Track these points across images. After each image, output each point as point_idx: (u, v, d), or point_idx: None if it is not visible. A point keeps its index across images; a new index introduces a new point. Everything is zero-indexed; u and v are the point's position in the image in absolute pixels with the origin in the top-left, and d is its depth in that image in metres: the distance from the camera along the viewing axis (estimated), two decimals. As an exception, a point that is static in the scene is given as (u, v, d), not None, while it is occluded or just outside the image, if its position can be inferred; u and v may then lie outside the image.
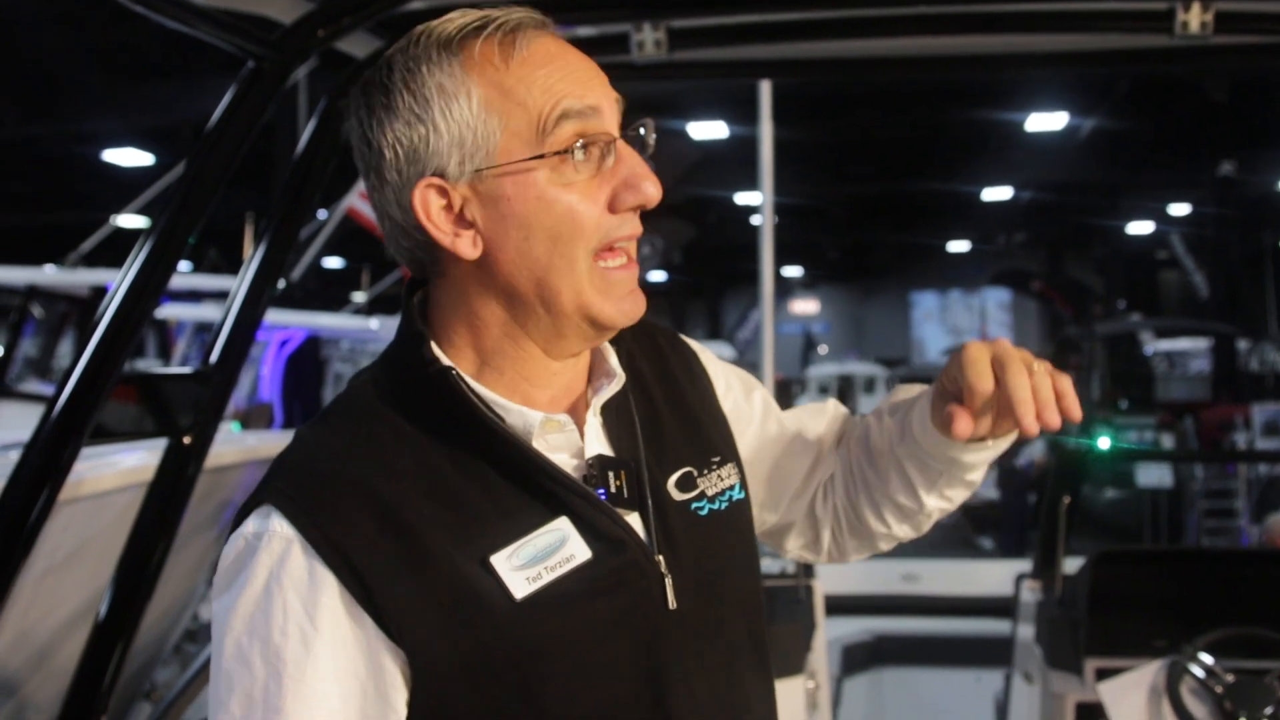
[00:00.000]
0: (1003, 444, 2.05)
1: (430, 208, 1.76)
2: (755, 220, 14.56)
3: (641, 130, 1.82)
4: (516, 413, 1.76)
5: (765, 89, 8.89)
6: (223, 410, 3.44)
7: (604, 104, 1.75)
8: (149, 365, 18.60)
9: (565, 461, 1.81)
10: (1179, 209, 35.84)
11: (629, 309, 1.80)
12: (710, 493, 1.97)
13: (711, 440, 2.06)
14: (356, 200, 16.82)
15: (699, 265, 41.66)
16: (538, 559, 1.70)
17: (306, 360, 20.47)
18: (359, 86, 1.80)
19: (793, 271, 47.18)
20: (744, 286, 43.95)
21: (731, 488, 2.02)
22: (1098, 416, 25.04)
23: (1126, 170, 31.75)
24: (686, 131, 23.08)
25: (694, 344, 2.25)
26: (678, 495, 1.92)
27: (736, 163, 22.07)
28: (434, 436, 1.73)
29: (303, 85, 14.17)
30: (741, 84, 11.97)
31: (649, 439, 1.93)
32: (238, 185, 3.37)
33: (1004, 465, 21.31)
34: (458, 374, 1.75)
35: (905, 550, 2.44)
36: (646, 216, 1.81)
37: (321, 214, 18.08)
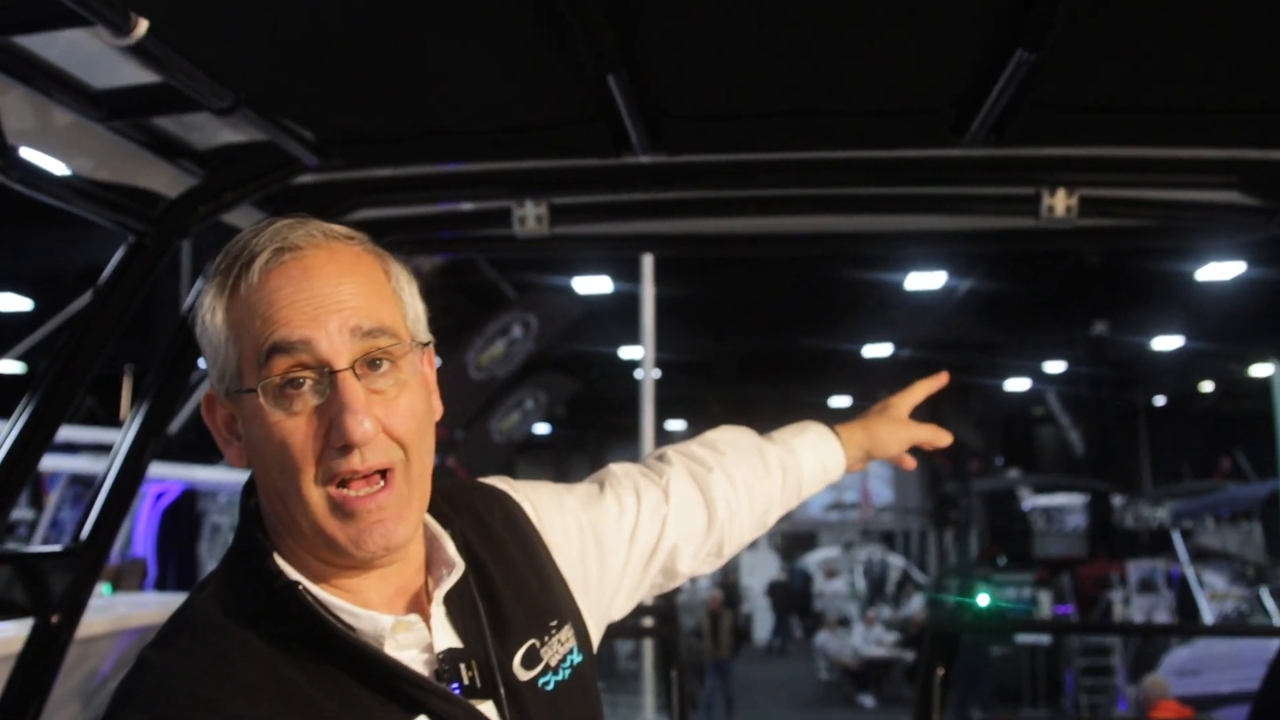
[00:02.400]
0: None
1: (215, 414, 1.83)
2: (638, 374, 14.67)
3: (379, 362, 1.79)
4: (366, 618, 1.75)
5: (647, 259, 9.00)
6: (93, 588, 3.37)
7: (323, 334, 1.73)
8: (20, 515, 18.11)
9: (416, 658, 1.81)
10: (1054, 367, 36.48)
11: (371, 543, 1.76)
12: (553, 662, 1.99)
13: (547, 606, 2.07)
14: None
15: (582, 418, 41.60)
16: None
17: (182, 514, 20.04)
18: None
19: (676, 425, 47.22)
20: (627, 439, 43.88)
21: (570, 651, 2.03)
22: (976, 573, 25.24)
23: (1003, 329, 32.30)
24: (571, 287, 23.20)
25: (530, 491, 2.26)
26: (524, 674, 1.93)
27: (620, 317, 22.22)
28: (284, 649, 1.71)
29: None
30: (625, 247, 12.10)
31: (492, 621, 1.93)
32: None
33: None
34: (304, 588, 1.74)
35: (789, 706, 2.59)
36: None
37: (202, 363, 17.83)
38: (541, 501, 2.24)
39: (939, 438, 2.94)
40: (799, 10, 2.26)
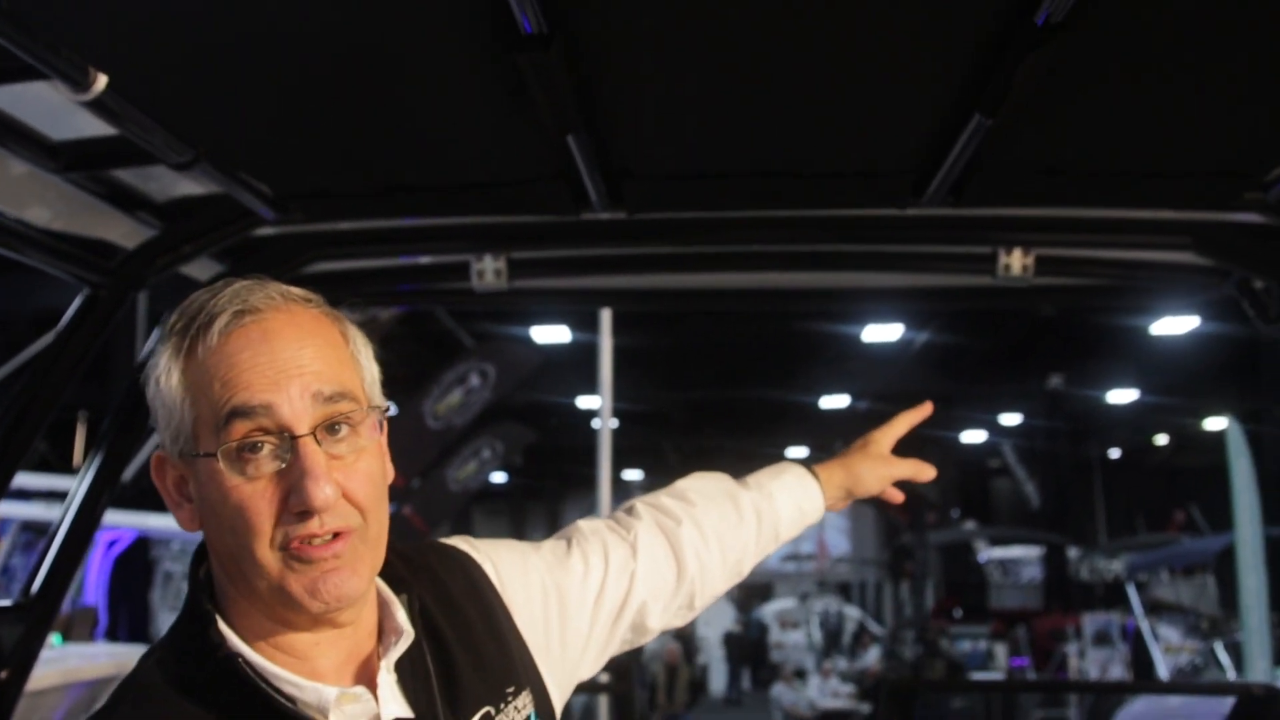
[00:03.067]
0: None
1: (166, 478, 1.82)
2: (596, 424, 14.70)
3: (338, 426, 1.78)
4: (310, 690, 1.73)
5: (606, 310, 8.99)
6: (43, 643, 3.32)
7: (284, 399, 1.72)
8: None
9: None
10: (1011, 419, 36.66)
11: (325, 591, 1.74)
12: None
13: (504, 671, 2.05)
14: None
15: (540, 467, 41.53)
16: None
17: (135, 562, 19.85)
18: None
19: (633, 474, 47.19)
20: (584, 489, 43.84)
21: (528, 717, 2.03)
22: (932, 625, 25.27)
23: (960, 381, 32.46)
24: (530, 336, 23.19)
25: (492, 551, 2.25)
26: None
27: (578, 366, 22.20)
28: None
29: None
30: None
31: (445, 689, 1.92)
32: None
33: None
34: (244, 660, 1.72)
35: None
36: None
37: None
38: (503, 562, 2.22)
39: (922, 471, 2.92)
40: (759, 74, 2.27)
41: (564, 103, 2.26)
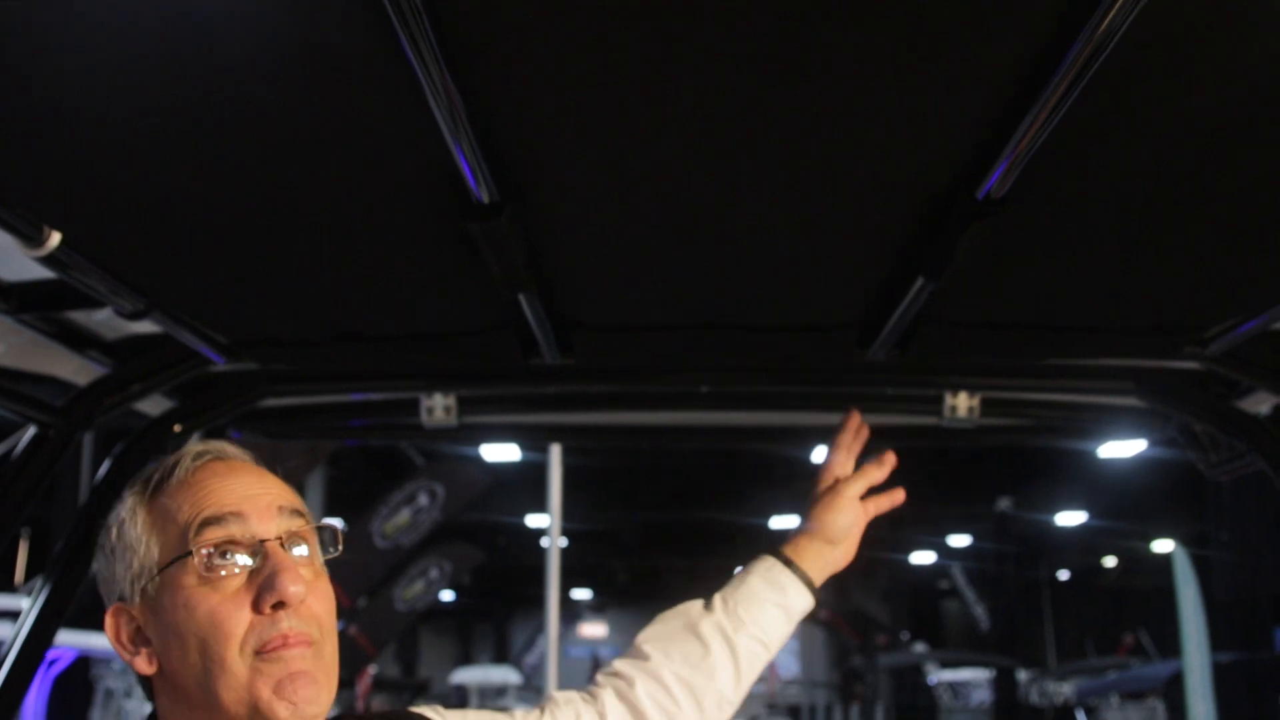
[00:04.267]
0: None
1: (120, 631, 1.83)
2: (545, 543, 14.65)
3: (301, 543, 1.86)
4: None
5: (555, 452, 9.06)
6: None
7: (253, 510, 1.80)
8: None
9: None
10: (960, 541, 36.69)
11: (294, 692, 1.75)
12: None
13: None
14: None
15: (488, 587, 41.22)
16: None
17: (75, 681, 19.53)
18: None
19: (582, 594, 46.93)
20: (533, 609, 43.50)
21: None
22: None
23: (909, 503, 32.38)
24: (479, 455, 23.09)
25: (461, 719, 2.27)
26: None
27: (528, 485, 22.08)
28: None
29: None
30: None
31: None
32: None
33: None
34: None
35: None
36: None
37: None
38: None
39: (895, 497, 2.95)
40: (708, 236, 2.30)
41: (515, 265, 2.29)
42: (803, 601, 2.76)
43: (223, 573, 1.75)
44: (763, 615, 2.69)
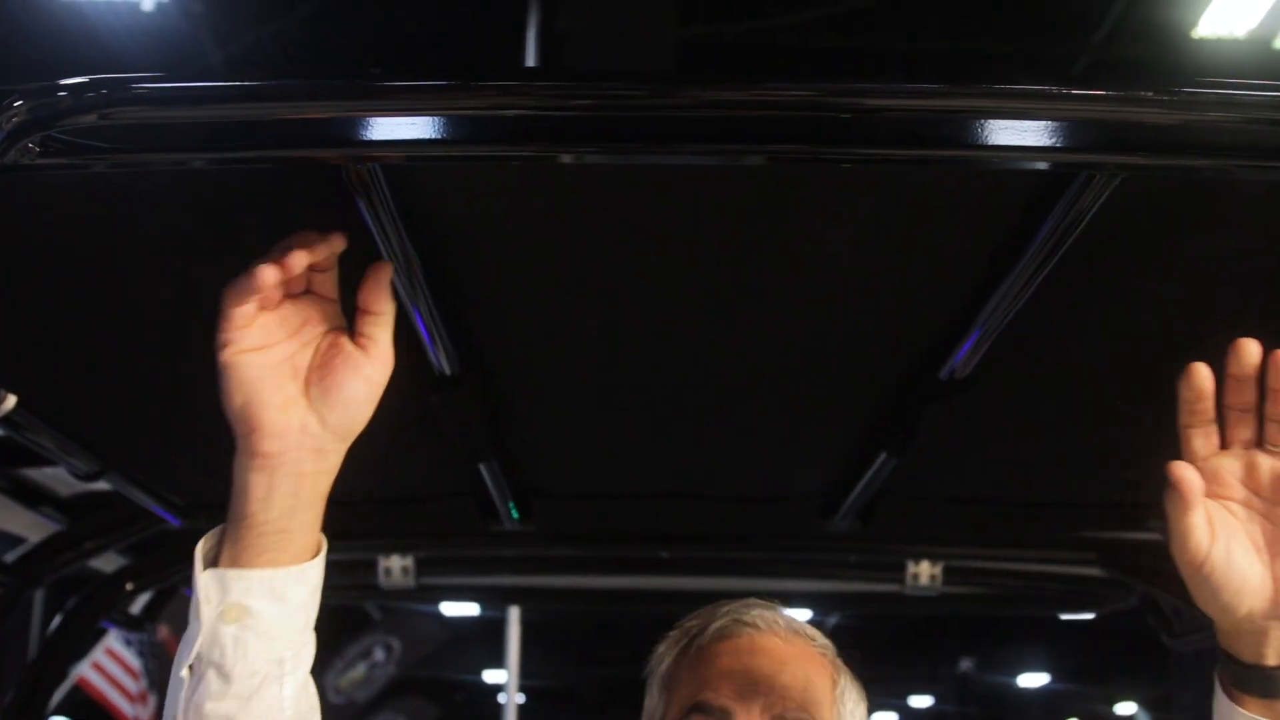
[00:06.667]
0: None
1: None
2: (502, 699, 14.36)
3: None
4: None
5: (514, 612, 9.03)
6: None
7: (741, 711, 1.80)
8: None
9: None
10: (920, 701, 36.34)
11: None
12: None
13: None
14: (88, 670, 16.05)
15: (444, 742, 40.56)
16: None
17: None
18: None
19: (540, 751, 46.26)
20: (490, 766, 42.74)
21: None
22: None
23: (869, 664, 32.19)
24: (437, 609, 22.83)
25: None
26: None
27: (486, 640, 21.80)
28: None
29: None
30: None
31: None
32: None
33: None
34: None
35: None
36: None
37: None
38: None
39: None
40: (672, 405, 2.30)
41: (476, 435, 2.29)
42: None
43: None
44: None
